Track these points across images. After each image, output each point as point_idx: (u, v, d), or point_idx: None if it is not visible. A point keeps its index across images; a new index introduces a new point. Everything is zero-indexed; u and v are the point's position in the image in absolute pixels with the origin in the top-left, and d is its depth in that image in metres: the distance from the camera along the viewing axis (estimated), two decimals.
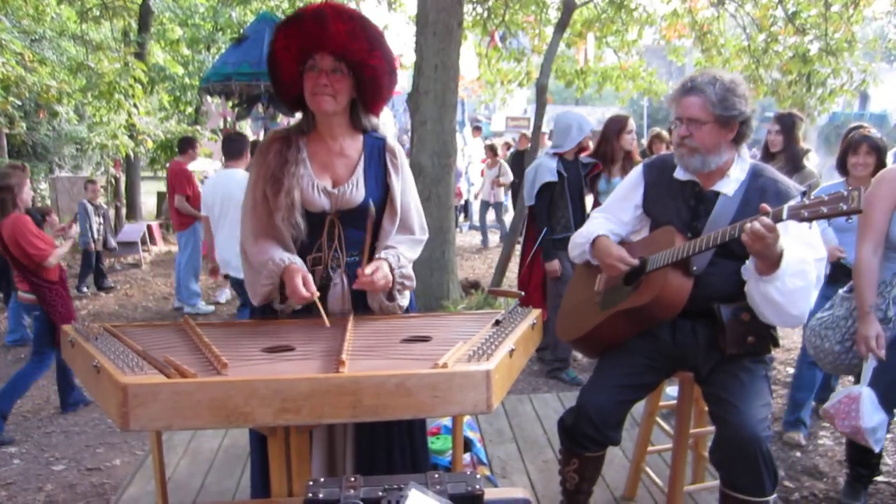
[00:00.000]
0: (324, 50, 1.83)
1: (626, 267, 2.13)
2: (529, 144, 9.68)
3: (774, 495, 1.93)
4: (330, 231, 1.94)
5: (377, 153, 2.02)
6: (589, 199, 4.49)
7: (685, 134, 2.03)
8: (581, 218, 4.21)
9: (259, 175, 1.91)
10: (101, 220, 7.46)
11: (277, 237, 1.88)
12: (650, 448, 2.68)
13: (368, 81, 1.91)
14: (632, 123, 4.32)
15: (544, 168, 4.13)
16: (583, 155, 4.34)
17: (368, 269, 1.83)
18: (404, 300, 2.01)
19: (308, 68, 1.85)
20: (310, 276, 1.82)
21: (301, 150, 1.92)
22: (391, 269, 1.90)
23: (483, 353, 1.48)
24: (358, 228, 1.96)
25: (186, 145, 6.73)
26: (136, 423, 1.27)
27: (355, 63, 1.87)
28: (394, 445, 1.96)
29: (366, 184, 1.96)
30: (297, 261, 1.85)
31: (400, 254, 1.96)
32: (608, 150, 4.35)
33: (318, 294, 1.80)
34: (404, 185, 2.05)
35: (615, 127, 4.35)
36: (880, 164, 3.10)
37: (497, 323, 1.81)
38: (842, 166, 3.24)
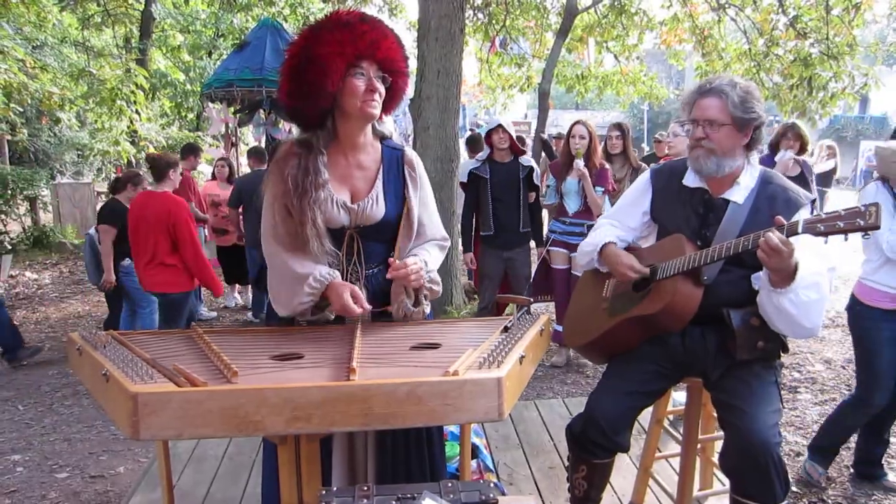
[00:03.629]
0: (372, 58, 1.81)
1: (635, 275, 2.11)
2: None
3: (786, 502, 1.91)
4: (349, 245, 1.92)
5: (395, 165, 1.99)
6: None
7: (702, 136, 2.02)
8: (516, 217, 4.51)
9: (278, 191, 1.85)
10: None
11: (308, 252, 1.83)
12: (658, 454, 2.67)
13: (398, 89, 1.92)
14: (577, 129, 4.52)
15: (462, 169, 4.62)
16: (525, 156, 4.64)
17: (402, 260, 1.85)
18: (428, 308, 2.00)
19: (354, 75, 1.80)
20: (358, 291, 1.80)
21: (320, 172, 1.84)
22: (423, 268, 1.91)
23: (493, 359, 1.47)
24: (377, 241, 1.96)
25: (188, 152, 6.71)
26: (147, 432, 1.26)
27: (395, 72, 1.87)
28: (412, 454, 1.95)
29: (385, 198, 1.94)
30: (338, 275, 1.83)
31: (427, 260, 1.96)
32: (562, 155, 4.65)
33: (370, 308, 1.82)
34: (424, 197, 2.04)
35: (567, 133, 4.62)
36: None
37: (506, 329, 1.80)
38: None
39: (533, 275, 4.69)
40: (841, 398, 4.04)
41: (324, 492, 1.20)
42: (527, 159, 4.56)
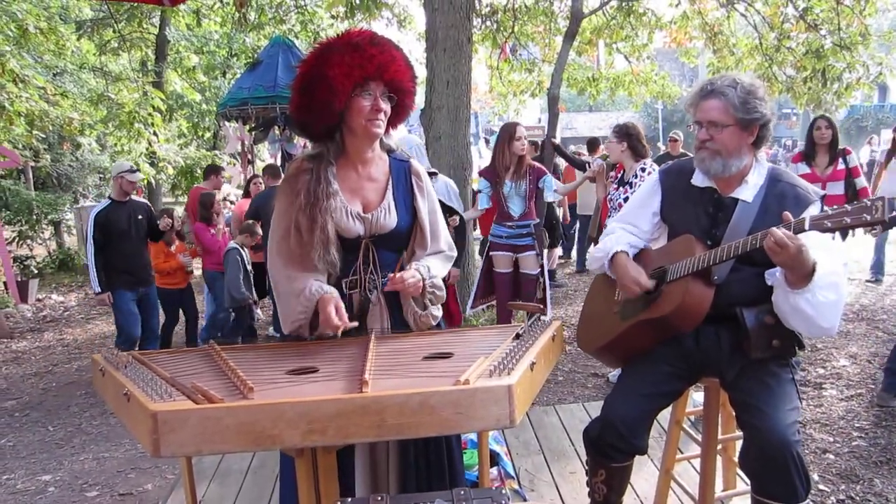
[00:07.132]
0: (379, 80, 1.87)
1: (639, 290, 2.12)
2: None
3: (808, 501, 1.89)
4: (365, 255, 1.97)
5: (403, 176, 2.06)
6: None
7: (706, 137, 2.03)
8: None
9: (288, 203, 1.91)
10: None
11: (310, 267, 1.88)
12: (679, 456, 2.65)
13: (405, 106, 1.99)
14: (520, 130, 4.50)
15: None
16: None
17: (399, 274, 1.90)
18: (437, 311, 2.04)
19: (361, 94, 1.86)
20: (342, 305, 1.84)
21: (331, 182, 1.90)
22: (422, 277, 1.95)
23: (504, 367, 1.48)
24: (391, 250, 2.01)
25: (210, 172, 7.03)
26: (167, 449, 1.29)
27: (402, 91, 1.94)
28: (432, 463, 1.98)
29: (396, 208, 2.00)
30: (330, 290, 1.87)
31: (429, 265, 2.00)
32: (501, 158, 4.54)
33: (350, 324, 1.84)
34: (431, 206, 2.09)
35: (505, 135, 4.52)
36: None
37: (517, 336, 1.81)
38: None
39: (477, 280, 4.72)
40: (867, 393, 3.98)
41: (339, 503, 1.23)
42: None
